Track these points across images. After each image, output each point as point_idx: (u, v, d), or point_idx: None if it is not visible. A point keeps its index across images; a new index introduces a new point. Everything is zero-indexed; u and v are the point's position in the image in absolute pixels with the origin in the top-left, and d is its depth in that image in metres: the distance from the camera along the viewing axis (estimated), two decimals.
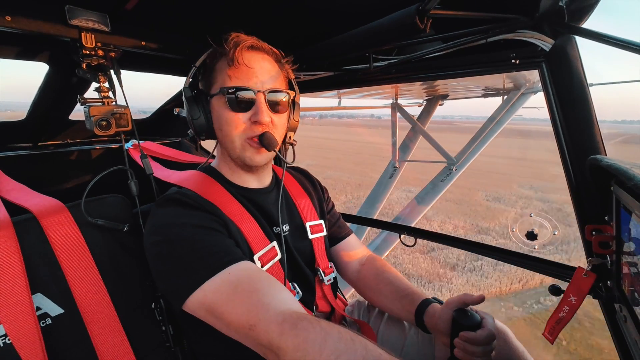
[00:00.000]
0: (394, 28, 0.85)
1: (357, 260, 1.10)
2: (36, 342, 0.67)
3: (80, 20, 0.81)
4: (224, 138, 0.84)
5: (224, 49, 0.79)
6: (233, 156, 0.86)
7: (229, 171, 0.91)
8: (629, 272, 0.70)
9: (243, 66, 0.79)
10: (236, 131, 0.81)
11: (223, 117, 0.81)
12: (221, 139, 0.86)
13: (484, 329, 0.76)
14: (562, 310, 0.89)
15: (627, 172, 0.61)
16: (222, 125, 0.82)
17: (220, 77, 0.81)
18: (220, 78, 0.81)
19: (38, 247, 0.75)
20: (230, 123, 0.81)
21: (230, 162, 0.89)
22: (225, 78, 0.80)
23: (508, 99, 3.92)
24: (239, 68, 0.79)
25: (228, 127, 0.81)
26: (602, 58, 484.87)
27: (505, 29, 0.91)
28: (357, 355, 0.51)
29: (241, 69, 0.79)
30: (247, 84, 0.80)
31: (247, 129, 0.82)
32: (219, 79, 0.82)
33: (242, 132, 0.82)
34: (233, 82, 0.80)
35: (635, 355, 0.69)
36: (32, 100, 1.13)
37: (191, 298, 0.65)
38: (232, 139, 0.82)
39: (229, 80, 0.80)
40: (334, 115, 30.10)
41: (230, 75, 0.79)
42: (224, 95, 0.79)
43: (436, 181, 4.45)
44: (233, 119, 0.81)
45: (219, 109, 0.82)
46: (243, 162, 0.85)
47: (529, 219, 1.42)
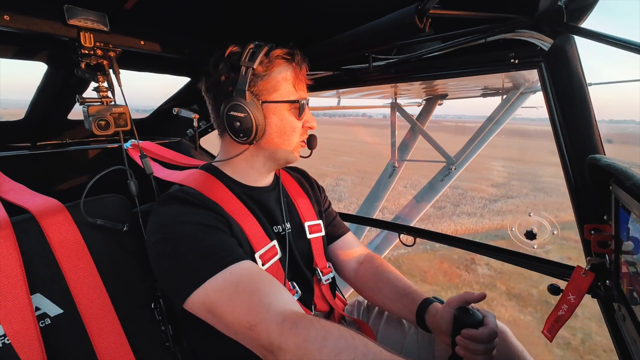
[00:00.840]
0: (393, 28, 0.85)
1: (355, 259, 1.10)
2: (35, 342, 0.67)
3: (79, 20, 0.81)
4: (283, 142, 0.88)
5: (291, 58, 0.85)
6: (281, 157, 0.90)
7: (246, 170, 0.91)
8: (628, 272, 0.70)
9: (304, 80, 0.89)
10: (296, 136, 0.90)
11: (289, 124, 0.87)
12: (276, 143, 0.88)
13: (486, 327, 0.76)
14: (561, 309, 0.89)
15: (626, 172, 0.61)
16: (286, 131, 0.87)
17: (285, 86, 0.85)
18: (285, 87, 0.85)
19: (37, 247, 0.75)
20: (295, 129, 0.88)
21: (262, 162, 0.91)
22: (290, 89, 0.86)
23: (507, 99, 3.92)
24: (302, 81, 0.89)
25: (292, 133, 0.88)
26: (601, 58, 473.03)
27: (504, 28, 0.91)
28: (358, 353, 0.51)
29: (303, 82, 0.89)
30: (305, 96, 0.89)
31: (302, 134, 0.91)
32: (283, 87, 0.85)
33: (299, 136, 0.90)
34: (300, 95, 0.88)
35: (634, 354, 0.69)
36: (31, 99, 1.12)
37: (192, 297, 0.65)
38: (292, 142, 0.89)
39: (294, 92, 0.87)
40: (326, 114, 30.28)
41: (296, 87, 0.87)
42: (292, 104, 0.86)
43: (435, 180, 4.46)
44: (297, 126, 0.89)
45: (284, 117, 0.86)
46: (287, 161, 0.92)
47: (528, 219, 1.42)
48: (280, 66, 0.84)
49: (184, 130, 1.66)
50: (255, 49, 0.82)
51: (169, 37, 1.05)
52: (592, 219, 0.89)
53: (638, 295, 0.63)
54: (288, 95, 0.85)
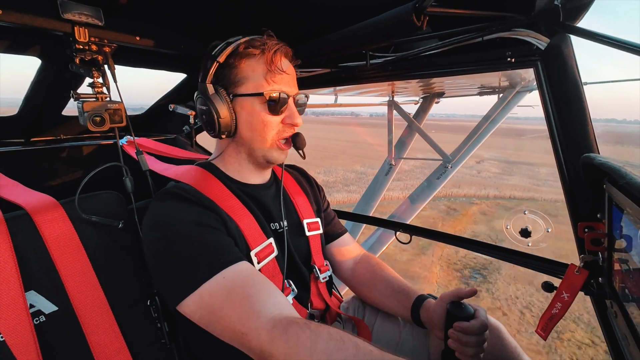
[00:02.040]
0: (390, 25, 0.85)
1: (352, 259, 1.11)
2: (30, 340, 0.67)
3: (74, 14, 0.79)
4: (254, 138, 0.85)
5: (260, 50, 0.81)
6: (258, 155, 0.87)
7: (237, 167, 0.91)
8: (620, 269, 0.71)
9: (280, 72, 0.83)
10: (271, 132, 0.85)
11: (259, 119, 0.83)
12: (248, 138, 0.86)
13: (477, 319, 0.78)
14: (554, 307, 0.90)
15: (619, 170, 0.61)
16: (256, 126, 0.84)
17: (254, 79, 0.82)
18: (254, 80, 0.82)
19: (31, 244, 0.75)
20: (267, 125, 0.84)
21: (245, 159, 0.90)
22: (261, 81, 0.82)
23: (503, 97, 3.94)
24: (277, 73, 0.82)
25: (264, 129, 0.84)
26: (597, 57, 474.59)
27: (501, 27, 0.91)
28: (348, 354, 0.52)
29: (279, 74, 0.83)
30: (284, 90, 0.84)
31: (280, 131, 0.86)
32: (251, 80, 0.82)
33: (276, 133, 0.85)
34: (272, 87, 0.82)
35: (625, 350, 0.71)
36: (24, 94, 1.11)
37: (186, 301, 0.65)
38: (265, 139, 0.85)
39: (266, 84, 0.82)
40: (315, 112, 30.57)
41: (268, 79, 0.82)
42: (262, 98, 0.81)
43: (432, 179, 4.48)
44: (270, 121, 0.84)
45: (253, 110, 0.83)
46: (267, 160, 0.88)
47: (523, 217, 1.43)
48: (250, 58, 0.82)
49: (180, 127, 1.65)
50: (231, 42, 0.82)
51: (165, 33, 1.04)
52: (585, 217, 0.89)
53: (630, 292, 0.64)
54: (257, 89, 0.82)
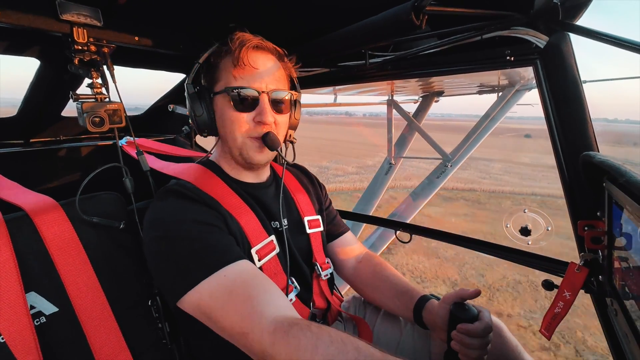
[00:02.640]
0: (389, 24, 0.85)
1: (354, 258, 1.11)
2: (30, 341, 0.67)
3: (72, 15, 0.79)
4: (226, 136, 0.85)
5: (229, 47, 0.80)
6: (235, 154, 0.86)
7: (229, 167, 0.91)
8: (620, 267, 0.71)
9: (248, 66, 0.80)
10: (239, 130, 0.83)
11: (227, 116, 0.82)
12: (223, 136, 0.86)
13: (481, 321, 0.77)
14: (557, 306, 0.90)
15: (619, 169, 0.61)
16: (226, 123, 0.83)
17: (224, 76, 0.82)
18: (224, 77, 0.82)
19: (31, 245, 0.75)
20: (234, 122, 0.82)
21: (231, 159, 0.89)
22: (229, 77, 0.81)
23: (503, 96, 3.94)
24: (244, 68, 0.80)
25: (232, 126, 0.82)
26: (596, 55, 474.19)
27: (500, 25, 0.91)
28: (349, 357, 0.52)
29: (246, 69, 0.80)
30: (252, 85, 0.81)
31: (250, 129, 0.83)
32: (223, 77, 0.82)
33: (245, 131, 0.83)
34: (238, 82, 0.80)
35: (626, 348, 0.71)
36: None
37: (185, 297, 0.65)
38: (234, 137, 0.83)
39: (233, 80, 0.80)
40: (308, 112, 31.51)
41: (235, 75, 0.80)
42: (228, 94, 0.80)
43: (432, 177, 4.48)
44: (237, 118, 0.82)
45: (223, 108, 0.82)
46: (244, 160, 0.86)
47: (523, 215, 1.43)
48: (223, 56, 0.82)
49: (179, 127, 1.65)
50: (212, 45, 0.84)
51: (164, 33, 1.04)
52: (585, 215, 0.89)
53: (630, 290, 0.64)
54: (225, 85, 0.81)
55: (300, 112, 0.97)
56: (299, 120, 0.98)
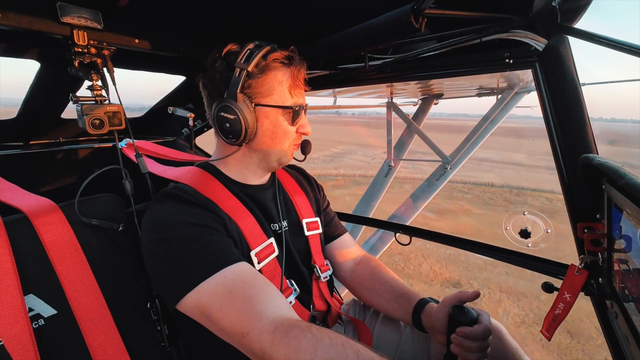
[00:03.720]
0: (389, 27, 0.85)
1: (352, 260, 1.11)
2: (29, 343, 0.66)
3: (72, 18, 0.80)
4: (274, 145, 0.87)
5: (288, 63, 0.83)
6: (272, 160, 0.89)
7: (240, 169, 0.91)
8: (620, 269, 0.71)
9: (304, 87, 0.88)
10: (289, 140, 0.89)
11: (281, 129, 0.86)
12: (267, 145, 0.87)
13: (481, 325, 0.77)
14: (557, 308, 0.90)
15: (618, 171, 0.61)
16: (277, 135, 0.86)
17: (280, 91, 0.83)
18: (279, 91, 0.83)
19: (30, 247, 0.74)
20: (287, 134, 0.87)
21: (255, 163, 0.91)
22: (285, 93, 0.84)
23: (502, 99, 3.95)
24: (299, 87, 0.87)
25: (284, 137, 0.87)
26: (595, 58, 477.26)
27: (499, 28, 0.91)
28: None
29: (300, 87, 0.87)
30: (301, 102, 0.88)
31: (295, 138, 0.90)
32: (277, 91, 0.83)
33: (292, 140, 0.90)
34: (296, 100, 0.86)
35: (626, 350, 0.70)
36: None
37: (185, 299, 0.65)
38: (284, 146, 0.88)
39: (289, 97, 0.85)
40: None
41: (292, 92, 0.85)
42: (286, 110, 0.85)
43: (431, 179, 4.48)
44: (289, 131, 0.87)
45: (277, 121, 0.85)
46: (280, 164, 0.92)
47: (523, 217, 1.43)
48: (277, 70, 0.83)
49: (179, 130, 1.66)
50: (254, 50, 0.80)
51: (164, 35, 1.04)
52: (585, 217, 0.89)
53: (630, 293, 0.64)
54: (282, 100, 0.84)
55: None
56: None
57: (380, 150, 35.89)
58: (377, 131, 10.25)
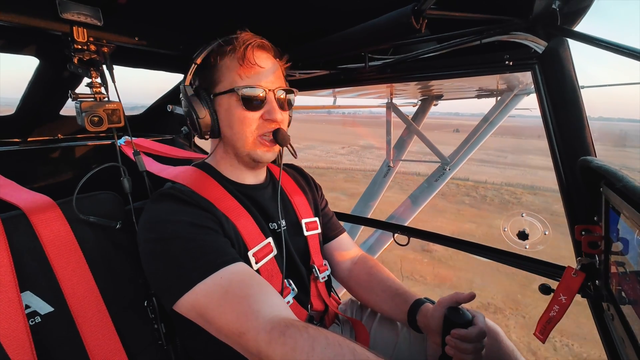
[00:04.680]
0: (389, 27, 0.85)
1: (350, 260, 1.11)
2: (25, 340, 0.66)
3: (72, 14, 0.79)
4: (234, 136, 0.84)
5: (232, 47, 0.80)
6: (242, 153, 0.86)
7: (229, 168, 0.91)
8: (617, 272, 0.71)
9: (255, 65, 0.81)
10: (249, 129, 0.83)
11: (235, 116, 0.82)
12: (230, 137, 0.85)
13: (475, 327, 0.77)
14: (552, 310, 0.90)
15: (616, 174, 0.62)
16: (234, 123, 0.83)
17: (228, 76, 0.82)
18: (228, 77, 0.82)
19: (27, 244, 0.74)
20: (244, 121, 0.82)
21: (234, 159, 0.89)
22: (235, 77, 0.81)
23: (501, 100, 3.96)
24: (251, 67, 0.81)
25: (241, 126, 0.82)
26: (594, 60, 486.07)
27: (499, 30, 0.91)
28: (345, 359, 0.51)
29: (253, 69, 0.81)
30: (260, 84, 0.82)
31: (260, 127, 0.84)
32: (227, 77, 0.82)
33: (255, 129, 0.83)
34: (246, 82, 0.81)
35: (622, 353, 0.71)
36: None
37: (182, 300, 0.65)
38: (245, 136, 0.83)
39: (239, 79, 0.81)
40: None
41: (242, 74, 0.81)
42: (236, 94, 0.80)
43: (430, 180, 4.49)
44: (247, 117, 0.82)
45: (230, 108, 0.82)
46: (252, 159, 0.86)
47: (520, 219, 1.44)
48: (224, 56, 0.82)
49: (178, 128, 1.64)
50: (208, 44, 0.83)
51: (164, 33, 1.04)
52: (583, 219, 0.90)
53: (626, 295, 0.65)
54: (231, 85, 0.81)
55: (292, 111, 0.97)
56: (291, 118, 0.98)
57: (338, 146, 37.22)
58: (345, 128, 10.32)
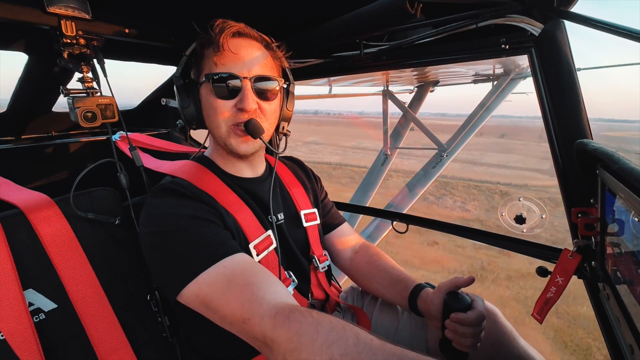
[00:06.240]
0: (384, 13, 0.84)
1: (350, 248, 1.12)
2: (30, 337, 0.67)
3: (59, 7, 0.77)
4: (211, 125, 0.84)
5: (211, 35, 0.78)
6: (221, 144, 0.86)
7: (222, 160, 0.90)
8: (612, 252, 0.73)
9: (228, 52, 0.78)
10: (221, 117, 0.81)
11: (209, 104, 0.81)
12: (209, 127, 0.86)
13: (474, 310, 0.78)
14: (549, 291, 0.92)
15: (612, 156, 0.62)
16: (209, 112, 0.82)
17: (207, 64, 0.81)
18: (207, 65, 0.81)
19: (27, 242, 0.74)
20: (216, 110, 0.80)
21: (221, 150, 0.89)
22: (211, 65, 0.80)
23: (498, 85, 3.94)
24: (224, 54, 0.78)
25: (215, 115, 0.81)
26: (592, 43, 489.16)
27: (495, 13, 0.90)
28: (349, 344, 0.52)
29: (226, 55, 0.78)
30: (232, 70, 0.79)
31: (232, 116, 0.81)
32: (206, 66, 0.81)
33: (227, 118, 0.81)
34: (218, 69, 0.79)
35: (617, 331, 0.72)
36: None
37: (185, 290, 0.65)
38: (218, 125, 0.82)
39: (214, 66, 0.79)
40: None
41: (216, 61, 0.79)
42: (209, 81, 0.79)
43: (427, 168, 4.50)
44: (219, 106, 0.80)
45: (206, 96, 0.81)
46: (229, 150, 0.85)
47: (518, 203, 1.45)
48: (208, 45, 0.81)
49: (173, 121, 1.63)
50: (200, 36, 0.83)
51: (155, 25, 1.02)
52: (579, 202, 0.91)
53: (621, 275, 0.66)
54: (208, 72, 0.80)
55: (293, 103, 0.96)
56: (292, 112, 0.96)
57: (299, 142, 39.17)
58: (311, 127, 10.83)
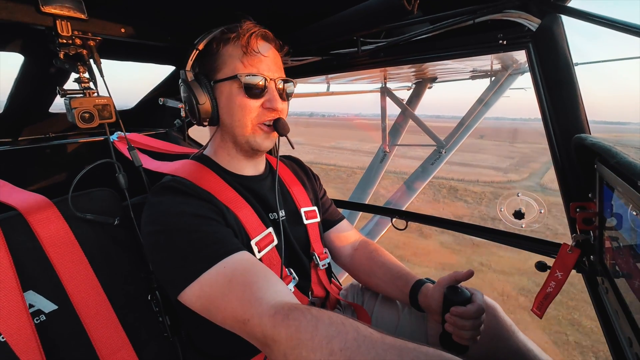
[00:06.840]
0: (381, 10, 0.84)
1: (350, 245, 1.12)
2: (31, 339, 0.67)
3: (54, 7, 0.76)
4: (234, 123, 0.84)
5: (235, 34, 0.80)
6: (241, 141, 0.86)
7: (227, 158, 0.91)
8: (611, 246, 0.73)
9: (258, 54, 0.81)
10: (249, 116, 0.83)
11: (236, 103, 0.82)
12: (229, 124, 0.85)
13: (474, 304, 0.79)
14: (549, 286, 0.93)
15: (610, 150, 0.62)
16: (234, 110, 0.83)
17: (230, 63, 0.82)
18: (230, 64, 0.82)
19: (26, 244, 0.74)
20: (244, 108, 0.82)
21: (232, 148, 0.89)
22: (237, 64, 0.81)
23: (496, 80, 3.94)
24: (254, 56, 0.81)
25: (241, 113, 0.83)
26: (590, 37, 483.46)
27: (492, 9, 0.90)
28: (349, 338, 0.53)
29: (256, 57, 0.82)
30: (262, 72, 0.82)
31: (260, 115, 0.84)
32: (229, 64, 0.82)
33: (255, 117, 0.84)
34: (248, 69, 0.81)
35: (616, 325, 0.73)
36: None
37: (187, 291, 0.65)
38: (244, 123, 0.84)
39: (242, 67, 0.81)
40: None
41: (244, 62, 0.81)
42: (238, 81, 0.80)
43: (426, 164, 4.50)
44: (248, 105, 0.82)
45: (231, 95, 0.82)
46: (251, 146, 0.86)
47: (517, 199, 1.45)
48: (227, 43, 0.82)
49: (171, 121, 1.63)
50: (213, 31, 0.83)
51: (151, 24, 1.01)
52: (577, 197, 0.91)
53: (620, 269, 0.66)
54: (233, 72, 0.82)
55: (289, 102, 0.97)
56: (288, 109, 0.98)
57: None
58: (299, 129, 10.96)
